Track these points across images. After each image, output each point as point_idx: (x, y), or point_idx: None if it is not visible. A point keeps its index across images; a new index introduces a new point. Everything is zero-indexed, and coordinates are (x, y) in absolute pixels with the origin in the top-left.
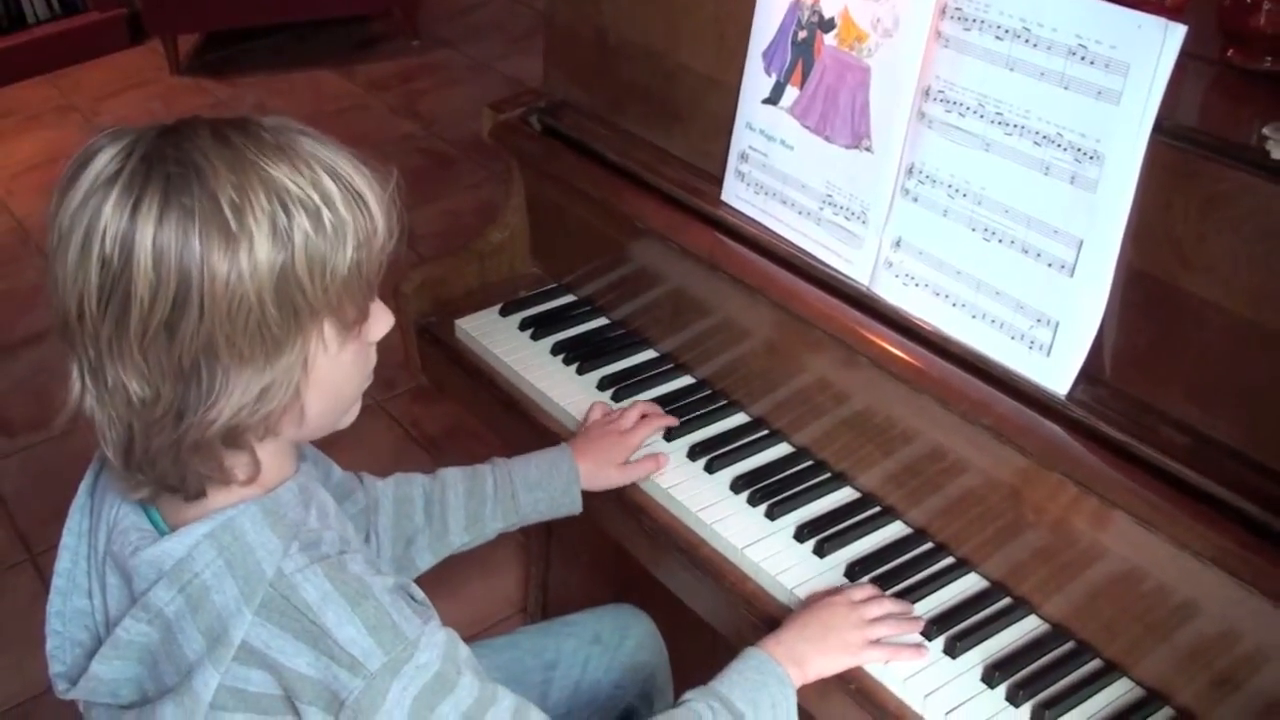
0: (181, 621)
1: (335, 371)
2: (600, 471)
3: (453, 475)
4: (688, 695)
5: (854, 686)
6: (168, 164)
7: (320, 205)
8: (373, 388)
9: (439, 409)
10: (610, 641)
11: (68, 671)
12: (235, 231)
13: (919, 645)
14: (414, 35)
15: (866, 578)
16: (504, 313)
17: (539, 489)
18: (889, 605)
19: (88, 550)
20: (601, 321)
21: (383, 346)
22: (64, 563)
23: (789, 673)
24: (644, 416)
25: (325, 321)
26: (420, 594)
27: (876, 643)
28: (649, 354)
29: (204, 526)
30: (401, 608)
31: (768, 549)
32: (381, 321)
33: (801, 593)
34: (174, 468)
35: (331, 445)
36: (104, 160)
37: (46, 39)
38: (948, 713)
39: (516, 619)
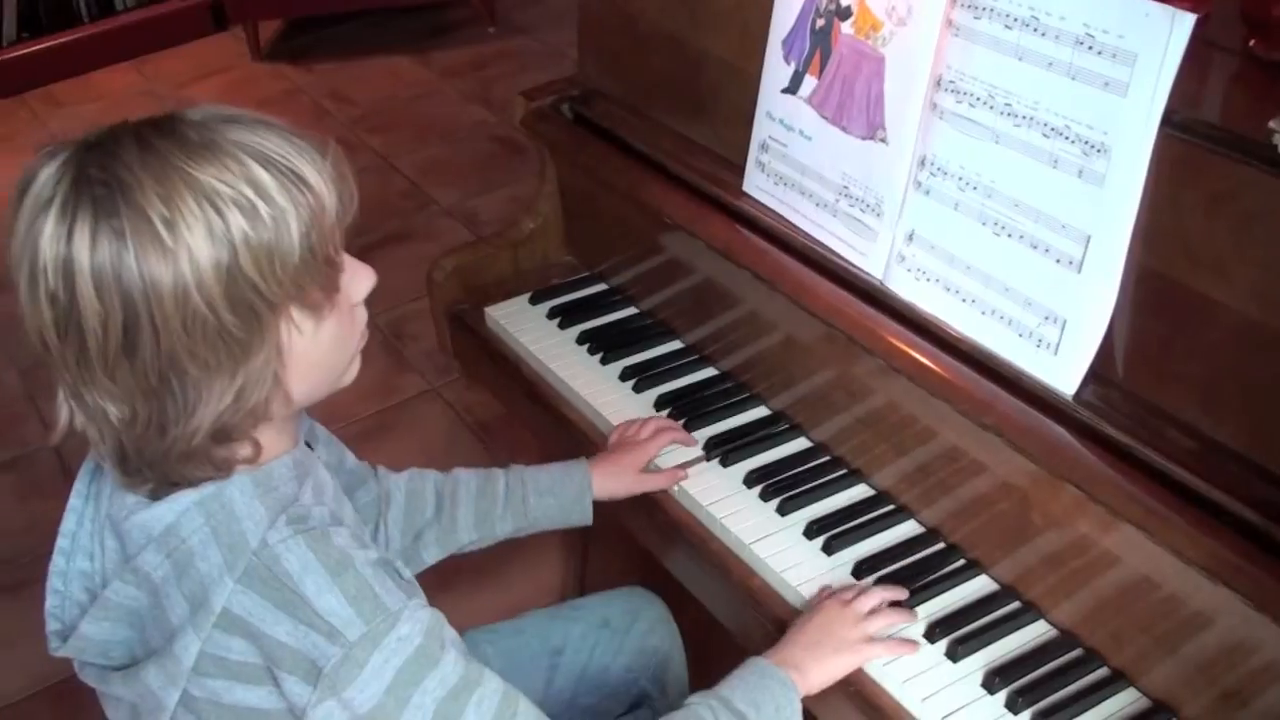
0: (167, 586)
1: (316, 349)
2: (616, 478)
3: (466, 474)
4: (691, 698)
5: (853, 689)
6: (94, 185)
7: (254, 199)
8: (428, 373)
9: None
10: (619, 625)
11: (62, 630)
12: (170, 244)
13: (913, 641)
14: (490, 22)
15: (873, 577)
16: (534, 301)
17: (550, 495)
18: (880, 594)
19: (93, 513)
20: (630, 311)
21: None
22: (69, 524)
23: (791, 677)
24: (660, 431)
25: (291, 309)
26: (408, 573)
27: (874, 640)
28: (674, 345)
29: (194, 494)
30: (384, 580)
31: (776, 544)
32: (362, 281)
33: (806, 590)
34: (173, 470)
35: (386, 430)
36: (41, 182)
37: (133, 26)
38: (944, 717)
39: None
